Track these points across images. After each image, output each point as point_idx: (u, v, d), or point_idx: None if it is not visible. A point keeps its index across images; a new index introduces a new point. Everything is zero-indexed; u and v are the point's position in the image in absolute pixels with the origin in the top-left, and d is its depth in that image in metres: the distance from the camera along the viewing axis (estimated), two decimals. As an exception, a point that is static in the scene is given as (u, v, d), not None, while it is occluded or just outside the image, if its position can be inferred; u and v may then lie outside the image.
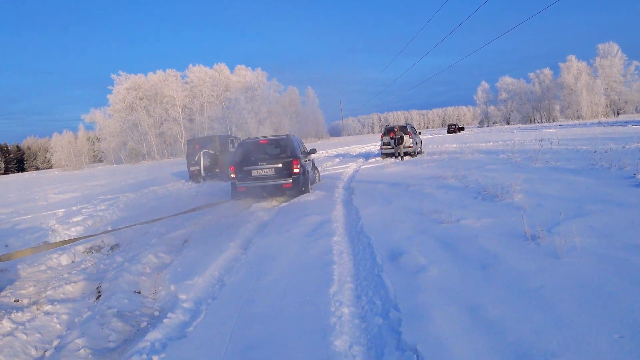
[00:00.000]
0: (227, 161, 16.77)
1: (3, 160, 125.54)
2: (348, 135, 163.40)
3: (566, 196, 7.84)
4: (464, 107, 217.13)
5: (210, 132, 66.60)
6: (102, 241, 9.32)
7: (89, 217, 11.94)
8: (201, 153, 20.18)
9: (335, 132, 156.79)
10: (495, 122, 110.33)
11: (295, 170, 11.15)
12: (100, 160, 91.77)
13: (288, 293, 4.72)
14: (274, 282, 5.12)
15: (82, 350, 4.25)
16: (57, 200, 18.74)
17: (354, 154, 32.47)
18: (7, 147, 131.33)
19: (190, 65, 77.72)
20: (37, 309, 5.58)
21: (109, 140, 73.63)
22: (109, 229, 10.05)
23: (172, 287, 5.49)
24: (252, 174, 11.33)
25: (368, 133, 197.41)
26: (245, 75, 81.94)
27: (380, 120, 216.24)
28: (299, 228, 7.78)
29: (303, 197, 11.22)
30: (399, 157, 22.18)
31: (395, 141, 22.39)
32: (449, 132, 70.76)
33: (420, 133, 27.96)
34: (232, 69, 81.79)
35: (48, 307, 5.46)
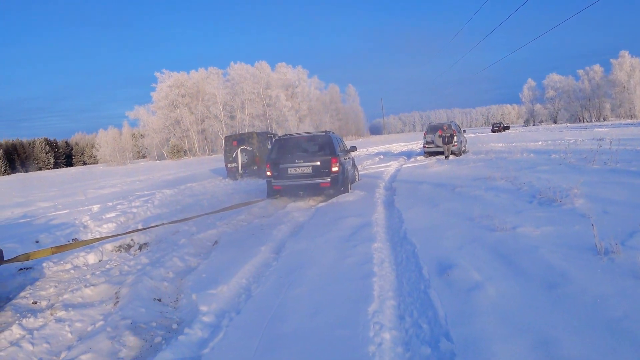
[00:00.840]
0: (265, 158, 16.31)
1: (52, 155, 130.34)
2: (389, 133, 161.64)
3: (634, 202, 6.94)
4: (508, 106, 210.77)
5: (250, 129, 66.82)
6: (132, 240, 8.97)
7: (122, 213, 11.66)
8: (239, 150, 19.81)
9: (375, 130, 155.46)
10: (541, 121, 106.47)
11: (334, 169, 10.52)
12: (143, 156, 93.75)
13: (320, 310, 4.09)
14: (305, 295, 4.50)
15: (85, 370, 3.75)
16: (95, 195, 18.75)
17: (396, 152, 31.57)
18: (56, 143, 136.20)
19: (232, 63, 78.32)
20: (51, 314, 5.15)
21: (152, 137, 74.96)
22: (140, 227, 9.67)
23: (194, 297, 4.94)
24: (289, 172, 10.78)
25: (409, 131, 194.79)
26: (285, 72, 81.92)
27: (421, 118, 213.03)
28: (336, 232, 7.14)
29: (342, 197, 10.60)
30: (447, 156, 21.14)
31: (444, 139, 21.44)
32: (493, 130, 68.42)
33: (464, 132, 26.84)
34: (273, 66, 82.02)
35: (62, 314, 5.03)
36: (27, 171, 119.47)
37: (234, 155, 19.95)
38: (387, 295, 4.37)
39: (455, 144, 22.07)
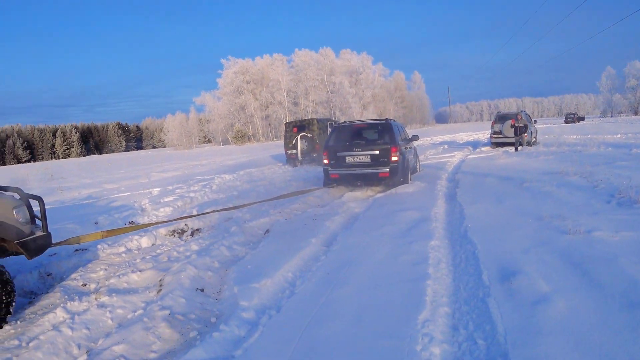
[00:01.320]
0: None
1: (124, 138, 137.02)
2: (455, 122, 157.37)
3: None
4: (583, 95, 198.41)
5: (313, 116, 66.72)
6: (185, 225, 8.94)
7: (179, 198, 11.73)
8: (299, 137, 19.64)
9: (441, 119, 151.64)
10: (620, 112, 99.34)
11: (394, 159, 10.00)
12: (209, 141, 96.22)
13: (365, 315, 3.70)
14: (350, 297, 4.12)
15: (115, 363, 3.58)
16: (157, 178, 19.20)
17: (461, 142, 30.34)
18: (127, 127, 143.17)
19: (296, 50, 78.38)
20: (95, 299, 5.09)
21: (217, 122, 76.66)
22: (195, 212, 9.63)
23: (236, 290, 4.69)
24: (347, 160, 10.41)
25: (476, 120, 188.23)
26: (350, 59, 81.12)
27: (490, 107, 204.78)
28: (392, 226, 6.70)
29: (401, 189, 10.12)
30: (517, 148, 19.64)
31: (516, 130, 19.90)
32: (566, 121, 64.55)
33: (535, 122, 25.32)
34: (337, 53, 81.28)
35: (105, 299, 4.94)
36: (100, 153, 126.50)
37: (293, 142, 19.81)
38: (440, 302, 3.92)
39: (525, 134, 20.85)
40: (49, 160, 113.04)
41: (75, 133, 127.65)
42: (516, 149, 19.44)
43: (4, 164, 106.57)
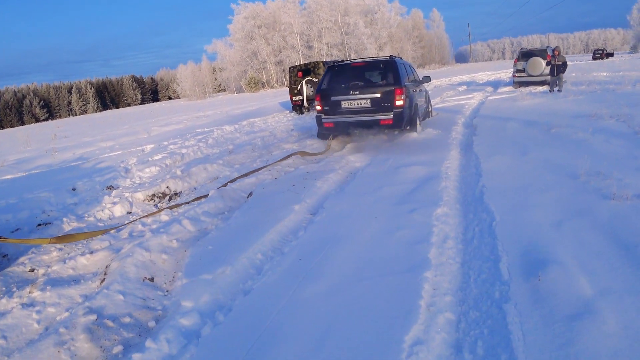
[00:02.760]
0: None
1: (139, 91, 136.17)
2: (476, 61, 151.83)
3: None
4: (612, 30, 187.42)
5: (328, 59, 64.31)
6: (167, 187, 8.03)
7: (169, 155, 10.78)
8: (304, 82, 18.25)
9: (461, 59, 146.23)
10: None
11: (398, 103, 8.46)
12: (223, 90, 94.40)
13: (334, 329, 2.70)
14: (321, 298, 3.11)
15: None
16: (157, 133, 18.27)
17: (481, 82, 28.47)
18: (142, 79, 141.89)
19: (309, -10, 74.95)
20: (29, 293, 4.20)
21: (229, 70, 74.71)
22: (179, 172, 8.67)
23: (182, 283, 3.72)
24: (343, 106, 8.90)
25: (498, 59, 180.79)
26: (364, -3, 77.35)
27: (512, 45, 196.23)
28: (392, 187, 5.61)
29: (410, 138, 8.94)
30: (551, 90, 16.72)
31: (554, 68, 16.56)
32: (594, 58, 60.77)
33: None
34: (352, -8, 77.50)
35: (37, 294, 4.05)
36: (116, 107, 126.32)
37: (298, 88, 18.47)
38: (441, 304, 2.89)
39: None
40: (66, 117, 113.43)
41: (91, 89, 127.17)
42: (551, 91, 16.50)
43: (22, 123, 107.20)
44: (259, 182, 7.18)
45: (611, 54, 66.44)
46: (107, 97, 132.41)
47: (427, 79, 11.02)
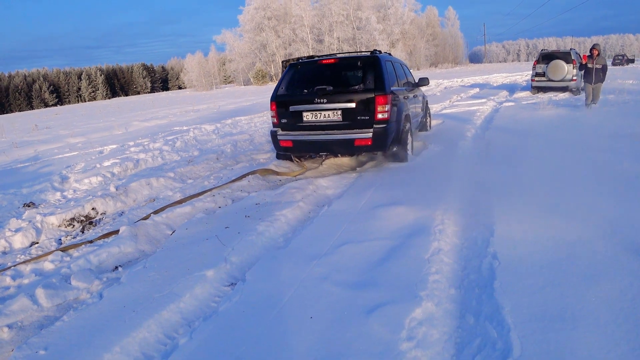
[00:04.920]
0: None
1: (149, 80, 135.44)
2: (490, 62, 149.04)
3: None
4: (630, 36, 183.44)
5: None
6: (93, 209, 6.37)
7: (122, 161, 9.10)
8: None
9: (475, 59, 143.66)
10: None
11: (381, 116, 6.20)
12: (231, 82, 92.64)
13: None
14: None
15: None
16: (135, 129, 16.65)
17: (495, 84, 26.38)
18: (153, 68, 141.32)
19: (323, -17, 72.94)
20: None
21: (238, 61, 73.01)
22: (113, 189, 6.97)
23: None
24: (305, 118, 6.53)
25: (513, 61, 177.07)
26: (378, -9, 75.10)
27: (528, 47, 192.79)
28: (360, 244, 3.81)
29: (395, 164, 6.84)
30: (587, 104, 12.11)
31: (589, 73, 11.96)
32: (614, 64, 58.20)
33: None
34: (366, -13, 75.37)
35: None
36: (126, 95, 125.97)
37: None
38: None
39: (574, 78, 17.28)
40: (75, 103, 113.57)
41: (101, 75, 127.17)
42: (587, 105, 12.03)
43: (31, 108, 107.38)
44: (193, 212, 5.42)
45: (632, 60, 63.93)
46: (117, 84, 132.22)
47: (424, 81, 8.76)
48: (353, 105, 6.28)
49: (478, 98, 17.61)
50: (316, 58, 7.20)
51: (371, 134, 6.19)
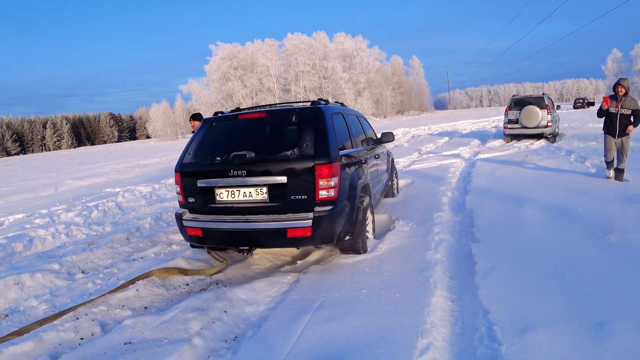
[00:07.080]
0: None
1: (117, 129, 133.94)
2: (454, 108, 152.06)
3: None
4: (584, 80, 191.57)
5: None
6: None
7: (12, 240, 7.21)
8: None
9: (440, 105, 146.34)
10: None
11: (325, 194, 4.35)
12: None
13: None
14: None
15: None
16: (64, 189, 14.55)
17: (464, 132, 25.24)
18: (120, 117, 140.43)
19: (289, 34, 72.97)
20: None
21: (204, 111, 71.58)
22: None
23: None
24: (218, 197, 4.67)
25: (476, 106, 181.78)
26: (343, 42, 75.34)
27: (489, 93, 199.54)
28: None
29: (350, 258, 4.97)
30: (614, 170, 8.07)
31: (615, 122, 7.97)
32: (575, 107, 59.44)
33: (559, 107, 20.34)
34: (331, 38, 75.89)
35: None
36: (92, 144, 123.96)
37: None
38: None
39: (549, 124, 16.35)
40: (39, 152, 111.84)
41: (66, 124, 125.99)
42: (617, 171, 8.03)
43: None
44: (33, 356, 3.39)
45: (592, 103, 65.25)
46: (83, 133, 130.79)
47: (389, 137, 6.96)
48: (284, 179, 4.39)
49: (449, 149, 16.16)
50: (235, 113, 5.24)
51: (311, 221, 4.26)
